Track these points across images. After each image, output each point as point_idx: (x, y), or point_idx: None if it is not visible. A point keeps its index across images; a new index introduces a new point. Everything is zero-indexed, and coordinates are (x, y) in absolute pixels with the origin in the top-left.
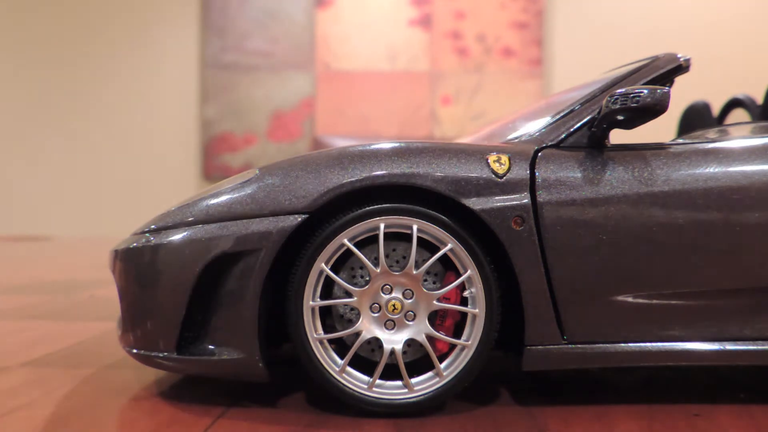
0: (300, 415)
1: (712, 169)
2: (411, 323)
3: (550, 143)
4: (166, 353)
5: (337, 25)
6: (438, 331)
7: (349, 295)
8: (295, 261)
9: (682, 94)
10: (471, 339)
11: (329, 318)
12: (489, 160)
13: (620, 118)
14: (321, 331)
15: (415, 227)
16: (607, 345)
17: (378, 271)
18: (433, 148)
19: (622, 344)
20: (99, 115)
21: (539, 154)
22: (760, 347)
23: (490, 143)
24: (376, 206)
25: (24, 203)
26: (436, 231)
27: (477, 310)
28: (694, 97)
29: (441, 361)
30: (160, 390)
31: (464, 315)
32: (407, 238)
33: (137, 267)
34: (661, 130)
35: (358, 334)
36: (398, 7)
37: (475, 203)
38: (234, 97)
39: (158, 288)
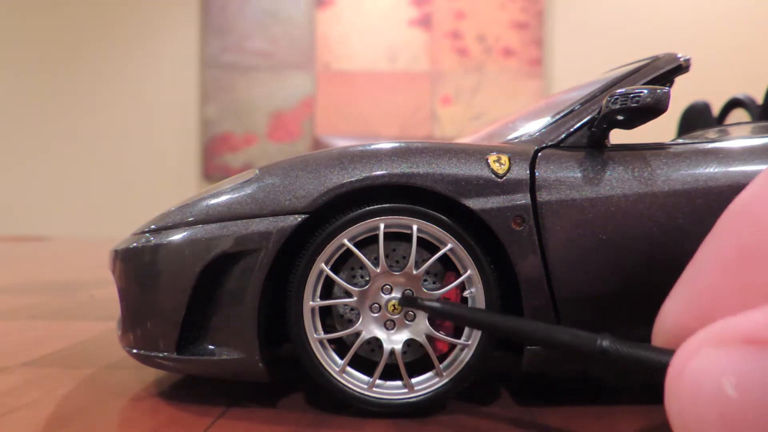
0: (300, 415)
1: (712, 169)
2: (411, 323)
3: (550, 143)
4: (166, 353)
5: (337, 25)
6: (438, 331)
7: (349, 295)
8: (295, 261)
9: (682, 94)
10: (471, 339)
11: (329, 318)
12: (489, 160)
13: (620, 118)
14: (321, 331)
15: (415, 227)
16: None
17: (378, 271)
18: (433, 148)
19: None
20: (99, 116)
21: (539, 154)
22: None
23: (490, 143)
24: (376, 206)
25: (24, 203)
26: (436, 231)
27: None
28: (694, 97)
29: (441, 361)
30: (160, 390)
31: None
32: (407, 238)
33: (137, 267)
34: (661, 130)
35: (358, 334)
36: (398, 7)
37: (475, 203)
38: (234, 97)
39: (158, 288)
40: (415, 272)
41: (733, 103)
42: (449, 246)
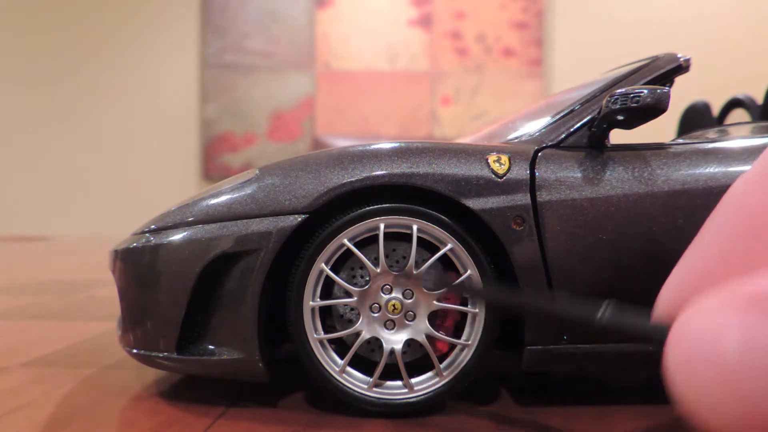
0: (300, 415)
1: (712, 169)
2: (411, 323)
3: (550, 143)
4: (166, 353)
5: (337, 25)
6: (438, 331)
7: (349, 295)
8: (295, 261)
9: (682, 94)
10: (471, 339)
11: (329, 318)
12: (489, 160)
13: (620, 118)
14: (321, 331)
15: (415, 227)
16: (608, 345)
17: (378, 271)
18: (433, 148)
19: (623, 345)
20: (99, 116)
21: (539, 154)
22: None
23: (490, 143)
24: (376, 206)
25: (24, 203)
26: (436, 231)
27: (477, 310)
28: (694, 97)
29: (441, 361)
30: (160, 390)
31: (464, 315)
32: (407, 238)
33: (137, 267)
34: (661, 130)
35: (358, 334)
36: (398, 7)
37: (475, 203)
38: (234, 97)
39: (158, 288)
40: (415, 272)
41: (733, 103)
42: (449, 246)
